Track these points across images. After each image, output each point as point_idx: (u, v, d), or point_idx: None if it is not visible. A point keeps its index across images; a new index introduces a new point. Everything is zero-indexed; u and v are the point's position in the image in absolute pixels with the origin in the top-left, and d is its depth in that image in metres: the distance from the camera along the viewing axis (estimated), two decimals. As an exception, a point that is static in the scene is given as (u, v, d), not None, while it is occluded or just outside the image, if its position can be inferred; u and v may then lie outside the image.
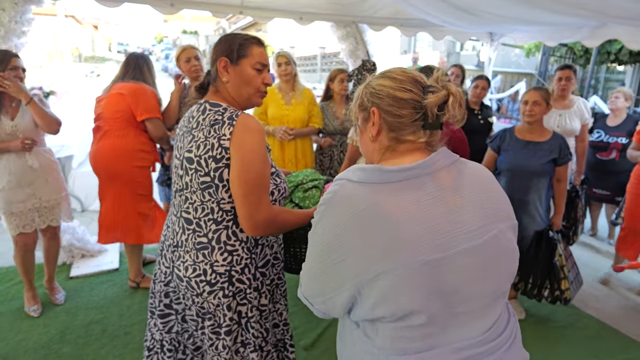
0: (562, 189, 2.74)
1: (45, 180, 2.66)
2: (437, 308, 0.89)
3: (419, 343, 0.91)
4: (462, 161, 1.01)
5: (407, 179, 0.92)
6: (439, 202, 0.90)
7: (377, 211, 0.88)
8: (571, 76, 3.40)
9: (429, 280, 0.87)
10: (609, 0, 2.15)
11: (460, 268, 0.89)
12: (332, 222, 0.93)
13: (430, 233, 0.88)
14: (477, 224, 0.91)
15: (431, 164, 0.94)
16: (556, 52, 10.13)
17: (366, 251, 0.88)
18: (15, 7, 2.76)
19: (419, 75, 0.99)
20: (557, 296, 2.70)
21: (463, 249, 0.89)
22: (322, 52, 20.09)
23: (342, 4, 3.87)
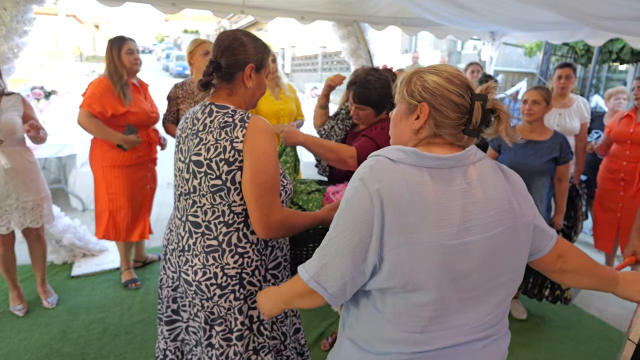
0: (563, 188, 2.74)
1: (22, 181, 2.59)
2: (446, 291, 0.97)
3: (425, 322, 0.99)
4: (489, 160, 1.08)
5: (440, 168, 0.99)
6: (465, 193, 0.98)
7: (411, 189, 0.95)
8: (571, 74, 3.39)
9: (444, 262, 0.95)
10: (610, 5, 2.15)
11: (474, 255, 0.98)
12: (369, 192, 0.96)
13: (454, 219, 0.96)
14: (494, 217, 0.99)
15: (463, 158, 1.01)
16: (557, 52, 10.11)
17: (395, 224, 0.94)
18: (16, 7, 2.76)
19: (469, 80, 1.05)
20: (558, 296, 2.70)
21: (478, 239, 0.97)
22: (323, 52, 20.07)
23: (344, 3, 3.86)
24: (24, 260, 3.12)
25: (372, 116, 2.05)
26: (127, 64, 2.79)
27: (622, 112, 3.38)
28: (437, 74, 1.04)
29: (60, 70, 11.18)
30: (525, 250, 1.09)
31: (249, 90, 1.42)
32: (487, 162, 1.06)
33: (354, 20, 4.23)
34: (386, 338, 1.02)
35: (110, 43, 2.81)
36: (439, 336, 1.00)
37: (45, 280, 2.94)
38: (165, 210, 4.67)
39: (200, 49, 2.98)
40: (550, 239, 1.18)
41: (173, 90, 3.07)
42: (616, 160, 3.29)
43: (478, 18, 3.40)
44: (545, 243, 1.16)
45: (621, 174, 3.24)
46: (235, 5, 3.76)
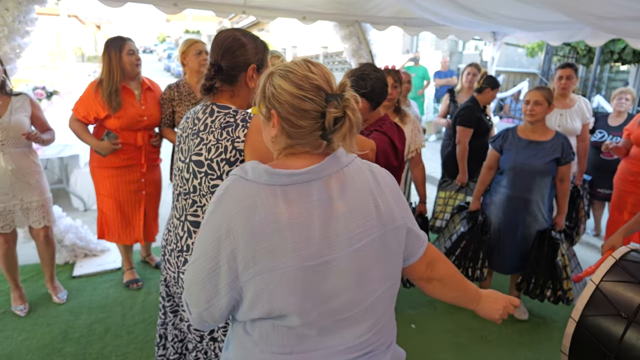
0: (564, 188, 2.73)
1: (27, 182, 2.61)
2: (314, 312, 0.91)
3: (294, 342, 0.94)
4: (356, 164, 0.99)
5: (295, 184, 0.91)
6: (323, 208, 0.91)
7: (264, 212, 0.88)
8: (572, 75, 3.37)
9: (306, 284, 0.89)
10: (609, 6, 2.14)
11: (339, 273, 0.91)
12: (222, 218, 0.91)
13: (313, 238, 0.89)
14: (359, 228, 0.93)
15: (321, 170, 0.93)
16: (559, 52, 10.09)
17: (250, 252, 0.88)
18: (18, 7, 2.76)
19: (323, 79, 0.94)
20: (560, 296, 2.70)
21: (343, 255, 0.91)
22: (325, 52, 20.06)
23: (345, 4, 3.86)
24: (26, 261, 3.13)
25: (367, 111, 2.07)
26: (129, 66, 2.74)
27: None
28: (284, 77, 0.93)
29: (62, 71, 11.18)
30: (398, 255, 1.03)
31: (251, 90, 1.42)
32: (354, 166, 0.98)
33: (355, 20, 4.23)
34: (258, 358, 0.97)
35: (109, 44, 2.72)
36: (309, 357, 0.94)
37: (54, 277, 2.97)
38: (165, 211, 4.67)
39: (193, 49, 2.97)
40: (422, 243, 1.10)
41: (167, 92, 2.99)
42: (637, 163, 3.25)
43: (479, 18, 3.39)
44: (417, 248, 1.09)
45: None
46: (237, 6, 3.76)
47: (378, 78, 2.03)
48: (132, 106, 2.80)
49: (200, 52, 2.98)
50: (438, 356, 2.57)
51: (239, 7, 3.78)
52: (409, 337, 2.71)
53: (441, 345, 2.67)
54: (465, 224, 2.92)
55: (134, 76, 2.83)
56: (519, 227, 2.75)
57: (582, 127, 3.48)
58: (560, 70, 3.43)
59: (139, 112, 2.82)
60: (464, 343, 2.69)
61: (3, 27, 2.73)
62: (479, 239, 2.86)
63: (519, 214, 2.74)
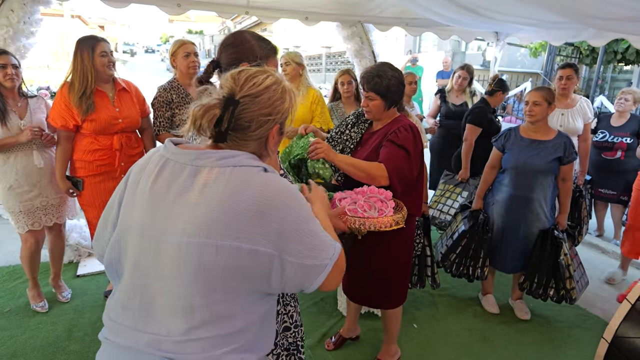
0: (567, 188, 2.73)
1: (49, 180, 2.69)
2: (136, 283, 0.98)
3: (119, 310, 1.00)
4: (235, 170, 0.95)
5: (175, 161, 0.99)
6: (180, 192, 0.95)
7: (147, 172, 1.01)
8: (572, 75, 3.37)
9: (138, 251, 0.97)
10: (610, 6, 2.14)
11: (162, 256, 0.93)
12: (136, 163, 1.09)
13: (159, 212, 0.95)
14: (194, 226, 0.90)
15: (196, 158, 0.97)
16: (562, 52, 10.07)
17: (128, 194, 1.03)
18: (23, 8, 2.79)
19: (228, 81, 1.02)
20: (563, 295, 2.70)
21: (171, 240, 0.92)
22: (327, 52, 20.07)
23: (348, 4, 3.87)
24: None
25: (381, 109, 2.06)
26: (101, 68, 2.54)
27: None
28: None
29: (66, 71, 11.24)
30: (213, 270, 0.90)
31: None
32: (231, 172, 0.94)
33: (358, 20, 4.24)
34: (105, 321, 1.04)
35: (80, 43, 2.51)
36: (122, 331, 0.98)
37: (61, 275, 3.00)
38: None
39: (182, 51, 2.90)
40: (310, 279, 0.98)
41: (161, 95, 2.88)
42: None
43: (481, 18, 3.39)
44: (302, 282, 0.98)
45: None
46: (240, 6, 3.77)
47: (394, 77, 2.02)
48: (106, 109, 2.62)
49: (189, 54, 2.90)
50: (440, 356, 2.57)
51: (241, 8, 3.79)
52: (411, 337, 2.72)
53: (443, 345, 2.67)
54: (467, 223, 2.93)
55: (108, 79, 2.65)
56: (521, 225, 2.76)
57: (583, 127, 3.48)
58: (560, 71, 3.44)
59: (113, 115, 2.64)
60: (466, 343, 2.70)
61: (8, 28, 2.76)
62: (480, 238, 2.87)
63: (521, 213, 2.74)
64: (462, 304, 3.13)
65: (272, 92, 1.02)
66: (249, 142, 1.02)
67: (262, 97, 1.00)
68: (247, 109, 0.99)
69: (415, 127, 2.05)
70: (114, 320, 1.00)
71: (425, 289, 3.11)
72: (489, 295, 3.11)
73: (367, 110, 2.09)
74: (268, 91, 1.01)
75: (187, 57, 2.91)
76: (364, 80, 2.04)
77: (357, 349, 2.57)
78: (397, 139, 1.97)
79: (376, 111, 2.07)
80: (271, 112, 1.02)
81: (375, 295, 2.25)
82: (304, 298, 3.00)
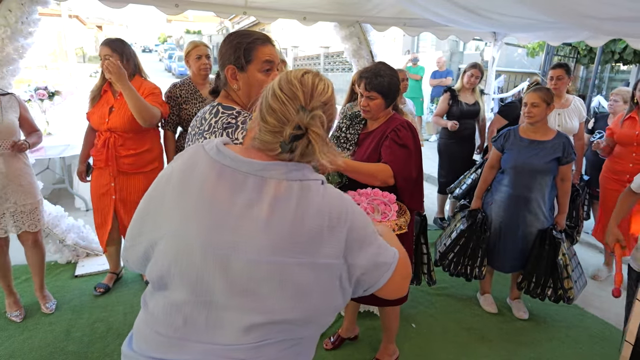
0: (565, 188, 2.74)
1: (19, 184, 2.55)
2: (200, 297, 0.90)
3: (179, 324, 0.91)
4: (304, 184, 0.93)
5: (234, 169, 0.93)
6: (247, 204, 0.89)
7: (198, 174, 0.93)
8: (563, 75, 3.39)
9: (202, 265, 0.89)
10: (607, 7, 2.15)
11: (234, 272, 0.88)
12: (169, 168, 1.00)
13: (224, 225, 0.89)
14: (270, 243, 0.88)
15: (263, 169, 0.92)
16: (560, 52, 10.08)
17: (173, 201, 0.94)
18: (21, 8, 2.77)
19: (306, 91, 0.94)
20: (561, 295, 2.71)
21: (244, 257, 0.87)
22: (326, 52, 20.07)
23: (346, 4, 3.87)
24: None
25: (381, 107, 2.08)
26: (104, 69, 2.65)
27: (622, 114, 3.38)
28: (281, 74, 0.99)
29: (64, 71, 11.21)
30: (307, 289, 0.90)
31: (239, 91, 1.41)
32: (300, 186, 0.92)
33: (355, 21, 4.23)
34: (143, 336, 0.96)
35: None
36: (188, 346, 0.90)
37: (44, 285, 2.87)
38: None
39: (194, 53, 3.00)
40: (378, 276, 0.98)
41: (171, 90, 3.02)
42: (621, 162, 3.29)
43: (478, 18, 3.40)
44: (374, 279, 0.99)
45: (627, 176, 3.24)
46: (238, 7, 3.77)
47: (393, 76, 2.05)
48: (101, 107, 2.76)
49: (200, 57, 3.00)
50: (438, 356, 2.58)
51: (239, 8, 3.79)
52: (410, 337, 2.72)
53: (441, 344, 2.68)
54: (465, 222, 2.94)
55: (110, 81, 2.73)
56: (520, 225, 2.77)
57: (579, 126, 3.52)
58: (551, 71, 3.47)
59: (103, 113, 2.74)
60: (464, 342, 2.70)
61: (6, 28, 2.75)
62: (478, 237, 2.87)
63: (520, 213, 2.75)
64: (461, 304, 3.13)
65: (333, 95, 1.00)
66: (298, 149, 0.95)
67: (329, 104, 0.98)
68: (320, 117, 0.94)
69: (412, 124, 2.08)
70: (164, 335, 0.92)
71: (424, 289, 3.12)
72: (487, 295, 3.11)
73: (367, 109, 2.11)
74: (333, 95, 1.00)
75: (199, 59, 3.00)
76: (366, 81, 2.05)
77: (356, 349, 2.58)
78: (398, 139, 2.00)
79: (376, 110, 2.09)
80: (333, 116, 1.02)
81: None
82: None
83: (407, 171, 1.97)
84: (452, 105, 4.18)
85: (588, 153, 4.09)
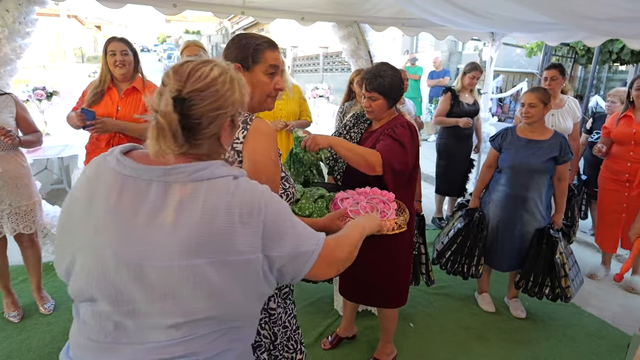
0: (562, 187, 2.76)
1: (15, 185, 2.54)
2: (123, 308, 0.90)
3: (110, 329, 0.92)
4: (211, 183, 0.91)
5: (136, 177, 0.91)
6: (153, 212, 0.88)
7: (101, 190, 0.92)
8: (556, 76, 3.40)
9: (116, 277, 0.89)
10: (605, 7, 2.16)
11: (149, 280, 0.88)
12: (77, 182, 0.99)
13: (133, 236, 0.88)
14: (179, 248, 0.87)
15: (165, 174, 0.90)
16: (558, 52, 10.09)
17: (81, 222, 0.93)
18: (19, 8, 2.77)
19: (181, 77, 0.92)
20: (558, 294, 2.72)
21: (156, 265, 0.87)
22: (325, 52, 20.08)
23: (344, 4, 3.87)
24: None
25: (384, 108, 2.08)
26: (111, 67, 2.66)
27: (618, 113, 3.39)
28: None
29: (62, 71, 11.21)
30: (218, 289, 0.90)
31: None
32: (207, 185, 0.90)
33: (354, 21, 4.24)
34: (78, 344, 0.97)
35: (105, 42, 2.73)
36: (120, 349, 0.91)
37: (41, 286, 2.87)
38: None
39: (185, 53, 3.01)
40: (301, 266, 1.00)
41: None
42: (619, 161, 3.29)
43: (476, 18, 3.41)
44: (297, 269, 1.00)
45: (626, 175, 3.25)
46: (236, 7, 3.77)
47: (395, 76, 2.05)
48: (105, 106, 2.69)
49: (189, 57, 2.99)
50: (436, 355, 2.59)
51: (237, 8, 3.80)
52: (408, 336, 2.73)
53: (439, 343, 2.68)
54: (462, 221, 2.95)
55: (119, 78, 2.70)
56: (517, 224, 2.78)
57: (573, 127, 3.52)
58: (545, 72, 3.49)
59: (109, 113, 2.68)
60: (462, 342, 2.71)
61: (4, 28, 2.75)
62: (475, 236, 2.88)
63: (517, 212, 2.76)
64: (458, 303, 3.14)
65: (220, 83, 0.93)
66: (201, 141, 0.94)
67: (209, 90, 0.92)
68: (195, 105, 0.90)
69: (412, 125, 2.09)
70: (96, 341, 0.93)
71: (422, 289, 3.12)
72: (485, 294, 3.12)
73: (370, 110, 2.11)
74: (215, 83, 0.93)
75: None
76: (366, 82, 2.05)
77: (354, 348, 2.58)
78: (394, 134, 2.01)
79: (379, 111, 2.09)
80: (221, 106, 0.93)
81: (378, 294, 2.26)
82: (300, 298, 3.01)
83: (397, 163, 1.94)
84: (454, 105, 4.18)
85: (586, 153, 4.10)
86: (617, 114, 3.40)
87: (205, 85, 0.91)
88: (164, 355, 0.90)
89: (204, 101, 0.91)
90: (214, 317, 0.92)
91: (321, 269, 1.04)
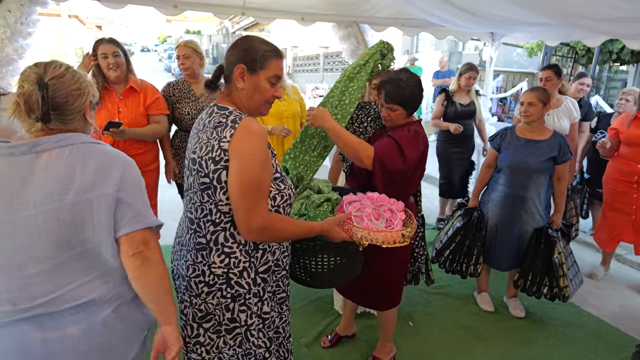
0: (561, 187, 2.76)
1: None
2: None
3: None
4: (75, 147, 1.16)
5: (10, 155, 1.14)
6: (22, 180, 1.11)
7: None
8: (552, 77, 3.40)
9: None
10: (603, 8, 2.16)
11: (18, 230, 1.10)
12: None
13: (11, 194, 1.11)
14: (43, 195, 1.10)
15: (31, 147, 1.14)
16: (558, 52, 10.11)
17: None
18: (21, 9, 2.78)
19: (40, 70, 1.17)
20: (556, 293, 2.73)
21: (24, 215, 1.10)
22: (325, 52, 20.09)
23: (344, 5, 3.88)
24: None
25: (403, 117, 2.03)
26: (104, 70, 2.67)
27: (628, 114, 3.36)
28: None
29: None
30: (50, 234, 1.12)
31: (243, 91, 1.40)
32: (71, 150, 1.15)
33: (353, 21, 4.25)
34: None
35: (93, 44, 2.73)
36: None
37: None
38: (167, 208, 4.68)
39: (178, 51, 3.04)
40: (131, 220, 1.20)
41: (165, 89, 3.05)
42: (629, 162, 3.27)
43: (475, 19, 3.42)
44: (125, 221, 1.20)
45: (635, 177, 3.23)
46: (236, 7, 3.78)
47: (414, 86, 1.99)
48: (106, 108, 2.71)
49: (178, 57, 3.03)
50: (435, 354, 2.60)
51: (238, 9, 3.81)
52: (407, 335, 2.74)
53: (438, 342, 2.70)
54: (461, 220, 2.96)
55: (114, 80, 2.72)
56: (516, 224, 2.79)
57: (570, 127, 3.52)
58: (541, 72, 3.50)
59: (112, 116, 2.69)
60: (461, 341, 2.72)
61: (5, 28, 2.76)
62: (474, 235, 2.90)
63: (516, 211, 2.77)
64: (458, 302, 3.15)
65: (71, 73, 1.21)
66: (72, 116, 1.21)
67: (66, 76, 1.19)
68: (59, 88, 1.17)
69: (420, 132, 2.03)
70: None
71: (422, 288, 3.14)
72: (484, 294, 3.14)
73: (388, 119, 2.07)
74: (68, 72, 1.21)
75: (187, 58, 3.01)
76: (384, 93, 1.99)
77: (353, 347, 2.59)
78: (396, 135, 1.98)
79: (397, 120, 2.05)
80: (79, 87, 1.22)
81: (371, 297, 2.27)
82: (300, 297, 3.02)
83: (391, 163, 1.90)
84: (447, 106, 4.18)
85: (590, 152, 4.09)
86: (627, 114, 3.38)
87: (62, 73, 1.19)
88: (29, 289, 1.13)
89: (65, 84, 1.18)
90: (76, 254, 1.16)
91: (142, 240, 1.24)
